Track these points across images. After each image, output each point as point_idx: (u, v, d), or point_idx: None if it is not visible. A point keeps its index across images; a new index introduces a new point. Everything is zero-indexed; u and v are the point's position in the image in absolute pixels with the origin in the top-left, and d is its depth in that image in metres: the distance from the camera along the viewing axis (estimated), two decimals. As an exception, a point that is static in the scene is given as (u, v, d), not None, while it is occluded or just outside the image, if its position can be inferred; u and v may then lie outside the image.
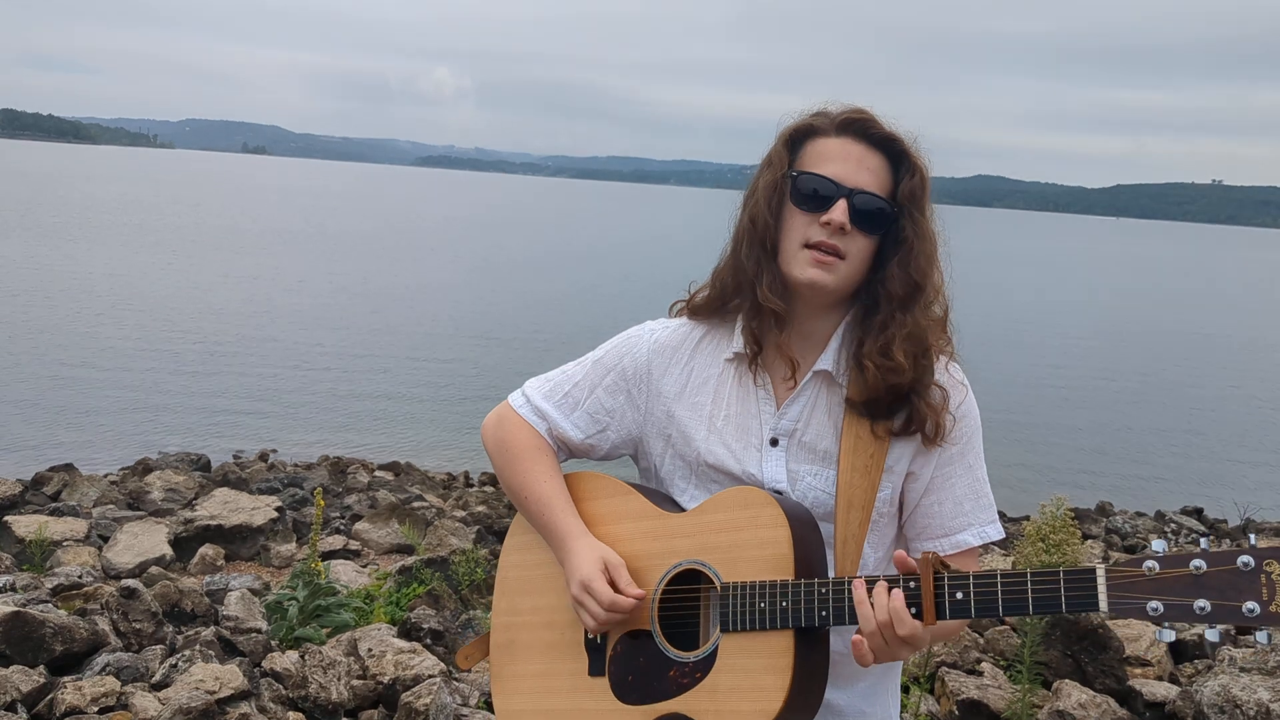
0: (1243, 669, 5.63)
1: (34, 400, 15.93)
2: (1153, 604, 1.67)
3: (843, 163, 2.03)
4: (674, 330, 2.23)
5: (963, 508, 2.11)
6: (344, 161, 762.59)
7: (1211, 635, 1.67)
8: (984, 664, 6.00)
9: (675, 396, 2.18)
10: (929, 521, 2.11)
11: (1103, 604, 1.69)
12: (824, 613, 1.90)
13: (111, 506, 9.99)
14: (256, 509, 9.42)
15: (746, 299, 2.12)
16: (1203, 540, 1.73)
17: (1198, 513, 13.99)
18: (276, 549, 9.06)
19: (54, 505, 9.88)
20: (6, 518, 8.83)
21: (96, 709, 4.73)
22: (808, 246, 2.03)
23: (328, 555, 8.69)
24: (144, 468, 11.88)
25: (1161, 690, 5.66)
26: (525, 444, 2.24)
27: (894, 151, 2.06)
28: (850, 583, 1.89)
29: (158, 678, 5.16)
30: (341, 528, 10.07)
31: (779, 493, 2.06)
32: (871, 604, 1.85)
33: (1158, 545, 1.71)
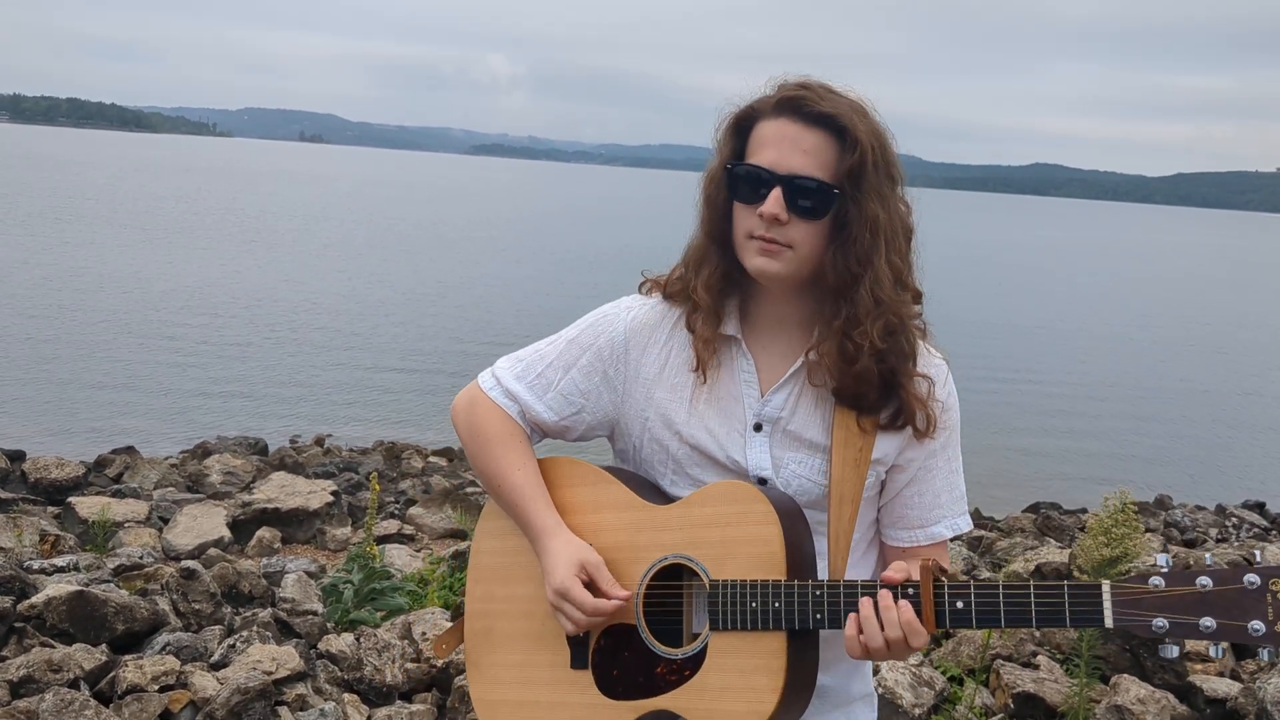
0: (1307, 666, 5.52)
1: (98, 384, 16.21)
2: (1158, 621, 1.67)
3: (777, 147, 1.95)
4: (651, 308, 2.15)
5: (939, 500, 2.10)
6: (399, 150, 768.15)
7: (1214, 651, 1.69)
8: (1040, 657, 5.92)
9: (654, 377, 2.11)
10: (906, 512, 2.11)
11: (1108, 619, 1.69)
12: (819, 615, 1.88)
13: (171, 489, 10.15)
14: (313, 493, 9.52)
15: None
16: (1208, 556, 1.74)
17: (1260, 507, 13.71)
18: (332, 533, 9.15)
19: (116, 487, 10.05)
20: (70, 499, 8.99)
21: (157, 687, 4.80)
22: (751, 238, 1.97)
23: (382, 539, 8.76)
24: (203, 451, 12.06)
25: (1223, 687, 5.56)
26: (497, 430, 2.16)
27: (836, 127, 1.94)
28: (844, 590, 1.88)
29: (216, 657, 5.23)
30: (396, 512, 10.15)
31: (763, 480, 2.03)
32: (880, 621, 1.83)
33: (1162, 559, 1.70)
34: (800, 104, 1.95)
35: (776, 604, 1.89)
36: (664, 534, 2.02)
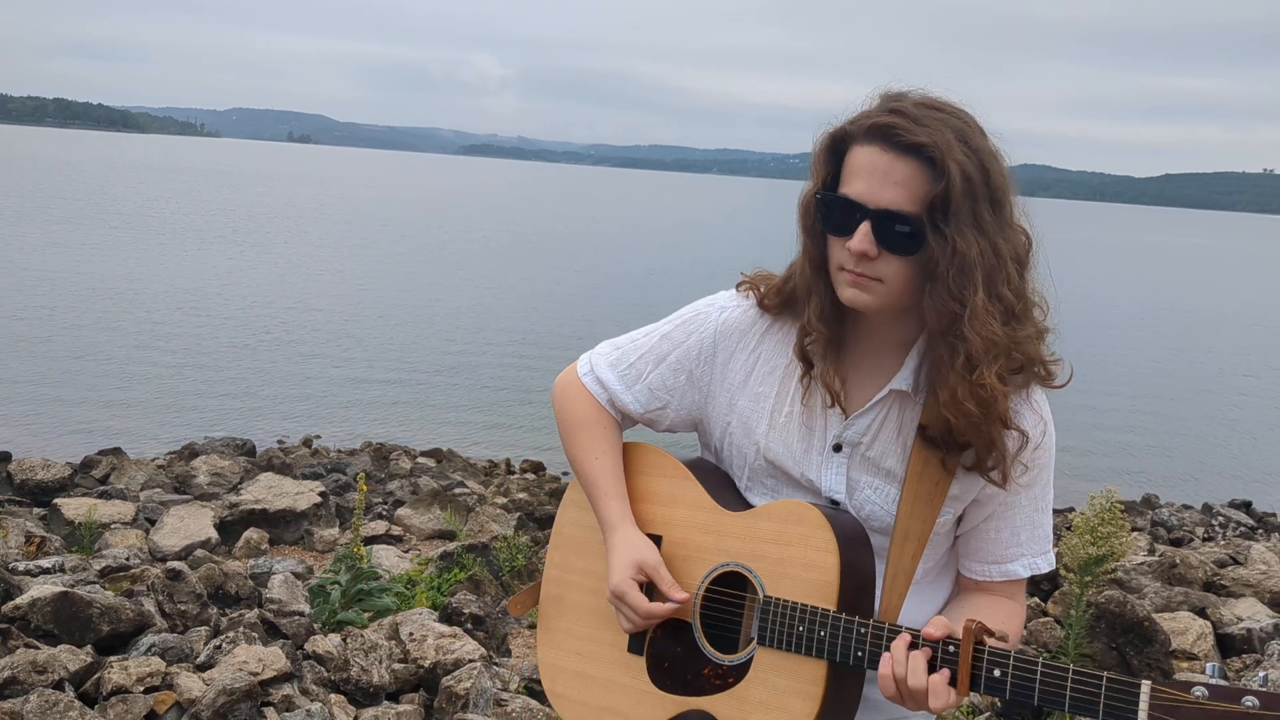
0: (1292, 664, 5.54)
1: (84, 386, 16.16)
2: None
3: (868, 179, 1.85)
4: (744, 312, 2.11)
5: (1019, 538, 2.03)
6: (388, 150, 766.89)
7: None
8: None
9: (739, 385, 2.09)
10: (982, 545, 2.05)
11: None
12: (859, 653, 1.87)
13: (158, 490, 10.12)
14: (300, 494, 9.50)
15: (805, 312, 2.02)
16: (1260, 673, 1.64)
17: (1246, 506, 13.78)
18: (320, 534, 9.13)
19: (102, 488, 10.02)
20: (56, 500, 8.96)
21: (142, 688, 4.79)
22: (843, 270, 1.91)
23: (370, 540, 8.76)
24: (190, 452, 12.03)
25: (1208, 685, 5.58)
26: (583, 416, 2.20)
27: (927, 156, 1.82)
28: (888, 633, 1.84)
29: (202, 658, 5.22)
30: (384, 513, 10.14)
31: (835, 502, 2.01)
32: (908, 671, 1.79)
33: (1211, 669, 1.64)
34: (891, 132, 1.84)
35: (822, 633, 1.89)
36: (728, 540, 2.04)
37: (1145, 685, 1.63)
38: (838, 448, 2.02)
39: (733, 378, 2.10)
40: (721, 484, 2.14)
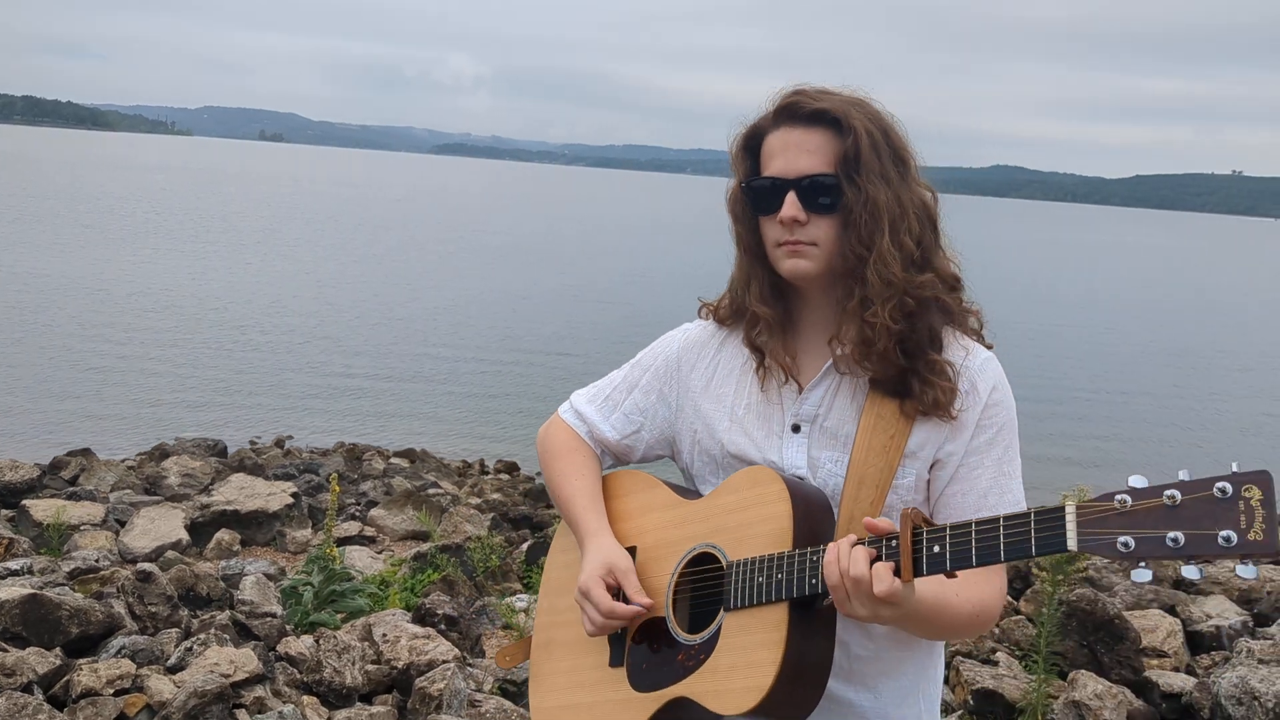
0: (1261, 660, 5.59)
1: (53, 386, 16.01)
2: (1123, 539, 1.56)
3: (783, 155, 2.02)
4: (703, 328, 2.26)
5: (986, 501, 2.01)
6: (361, 149, 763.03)
7: (1190, 572, 1.55)
8: (999, 654, 5.97)
9: (701, 390, 2.19)
10: (951, 513, 2.02)
11: (1071, 542, 1.59)
12: (814, 580, 1.84)
13: (129, 491, 10.04)
14: (272, 495, 9.45)
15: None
16: (1182, 472, 1.60)
17: (1216, 504, 13.91)
18: (292, 534, 9.08)
19: (71, 489, 9.93)
20: (25, 501, 8.87)
21: (112, 691, 4.75)
22: (780, 245, 2.03)
23: (343, 541, 8.71)
24: (161, 453, 11.93)
25: (1178, 681, 5.63)
26: (561, 444, 2.30)
27: (832, 120, 1.99)
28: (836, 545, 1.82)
29: (173, 660, 5.18)
30: (357, 514, 10.09)
31: (800, 479, 2.02)
32: (850, 561, 1.77)
33: (1136, 480, 1.59)
34: (796, 108, 2.02)
35: (779, 575, 1.88)
36: (694, 525, 2.08)
37: (1069, 507, 1.62)
38: (796, 428, 2.07)
39: (695, 386, 2.21)
40: (692, 487, 2.20)
